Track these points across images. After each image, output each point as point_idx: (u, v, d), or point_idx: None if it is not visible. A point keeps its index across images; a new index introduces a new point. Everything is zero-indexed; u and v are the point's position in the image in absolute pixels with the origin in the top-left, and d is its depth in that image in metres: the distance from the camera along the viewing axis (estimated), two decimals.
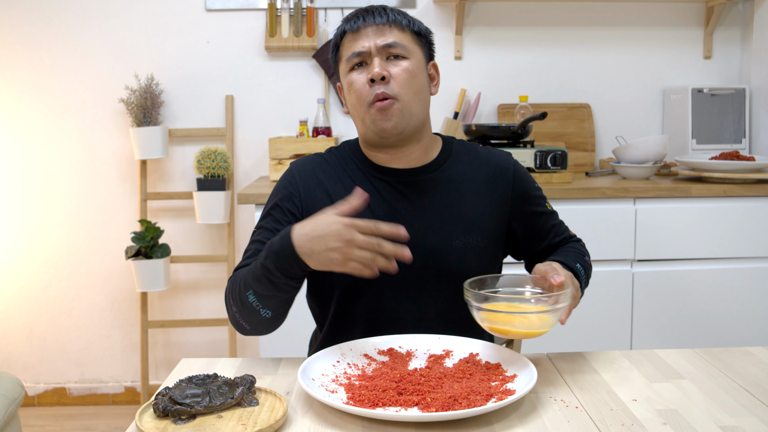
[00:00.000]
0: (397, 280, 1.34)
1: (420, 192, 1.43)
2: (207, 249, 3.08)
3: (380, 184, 1.43)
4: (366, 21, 1.39)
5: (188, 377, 1.12)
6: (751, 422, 1.02)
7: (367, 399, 1.07)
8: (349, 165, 1.46)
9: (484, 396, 1.06)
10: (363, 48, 1.38)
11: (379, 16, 1.39)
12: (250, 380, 1.12)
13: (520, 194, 1.49)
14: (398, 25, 1.40)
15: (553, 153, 2.59)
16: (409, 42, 1.41)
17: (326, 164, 1.47)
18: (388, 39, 1.38)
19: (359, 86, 1.38)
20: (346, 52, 1.41)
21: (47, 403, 3.12)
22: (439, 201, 1.42)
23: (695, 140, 2.92)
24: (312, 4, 2.96)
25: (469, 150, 1.51)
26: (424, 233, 1.40)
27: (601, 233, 2.53)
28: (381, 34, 1.38)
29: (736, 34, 3.08)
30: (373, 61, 1.38)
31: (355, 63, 1.39)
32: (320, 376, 1.16)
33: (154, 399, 1.07)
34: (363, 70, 1.39)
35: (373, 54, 1.38)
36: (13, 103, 3.01)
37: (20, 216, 3.05)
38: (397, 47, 1.38)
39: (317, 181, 1.44)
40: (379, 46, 1.37)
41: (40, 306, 3.10)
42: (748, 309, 2.59)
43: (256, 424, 1.02)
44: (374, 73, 1.36)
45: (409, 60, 1.39)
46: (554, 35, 3.05)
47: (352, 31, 1.39)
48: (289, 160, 2.71)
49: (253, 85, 3.03)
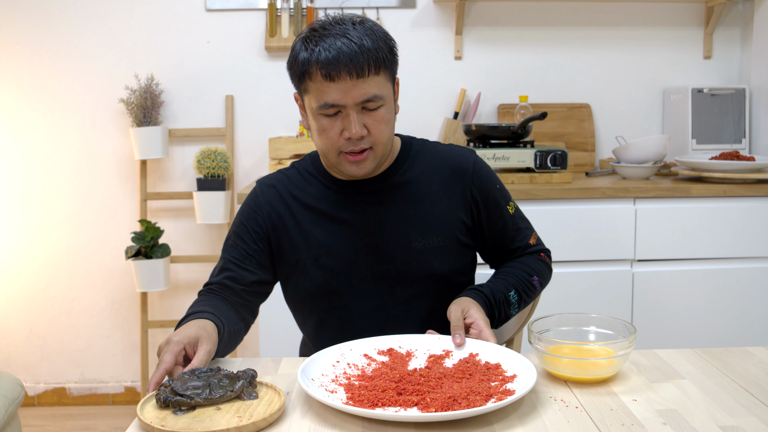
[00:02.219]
0: (363, 286, 1.44)
1: (378, 199, 1.45)
2: (207, 249, 3.08)
3: (340, 197, 1.46)
4: (342, 66, 1.28)
5: (191, 370, 1.14)
6: (751, 422, 1.02)
7: (367, 399, 1.07)
8: (310, 180, 1.48)
9: (484, 396, 1.06)
10: (339, 102, 1.31)
11: (358, 61, 1.28)
12: (251, 374, 1.14)
13: (479, 192, 1.48)
14: (373, 68, 1.31)
15: (553, 153, 2.59)
16: (384, 82, 1.34)
17: (288, 181, 1.49)
18: (366, 93, 1.31)
19: (332, 135, 1.34)
20: (318, 95, 1.32)
21: (47, 403, 3.12)
22: (397, 205, 1.44)
23: (695, 140, 2.92)
24: (312, 4, 2.96)
25: (428, 150, 1.51)
26: (384, 239, 1.44)
27: (601, 233, 2.53)
28: (359, 86, 1.30)
29: (736, 34, 3.08)
30: (349, 117, 1.32)
31: (327, 112, 1.33)
32: (320, 376, 1.16)
33: (156, 390, 1.09)
34: (336, 118, 1.33)
35: (349, 107, 1.32)
36: (13, 103, 3.01)
37: (20, 216, 3.05)
38: (374, 100, 1.32)
39: (280, 197, 1.47)
40: (357, 103, 1.31)
41: (40, 306, 3.10)
42: (748, 309, 2.59)
43: (252, 416, 1.04)
44: (353, 133, 1.32)
45: (384, 106, 1.35)
46: (554, 35, 3.05)
47: (327, 75, 1.29)
48: (289, 160, 2.71)
49: (253, 85, 3.03)
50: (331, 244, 1.44)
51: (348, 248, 1.43)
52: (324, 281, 1.45)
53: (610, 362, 1.16)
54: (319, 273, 1.44)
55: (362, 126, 1.33)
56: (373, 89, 1.32)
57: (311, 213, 1.46)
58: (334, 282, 1.44)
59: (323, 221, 1.45)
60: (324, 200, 1.46)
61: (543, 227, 2.52)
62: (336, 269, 1.44)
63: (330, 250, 1.44)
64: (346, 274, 1.44)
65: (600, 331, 1.26)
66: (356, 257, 1.44)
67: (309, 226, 1.45)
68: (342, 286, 1.45)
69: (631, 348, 1.17)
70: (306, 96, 1.36)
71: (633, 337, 1.18)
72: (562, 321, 1.27)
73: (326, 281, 1.45)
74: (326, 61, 1.29)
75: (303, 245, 1.45)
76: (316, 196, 1.46)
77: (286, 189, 1.48)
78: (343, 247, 1.43)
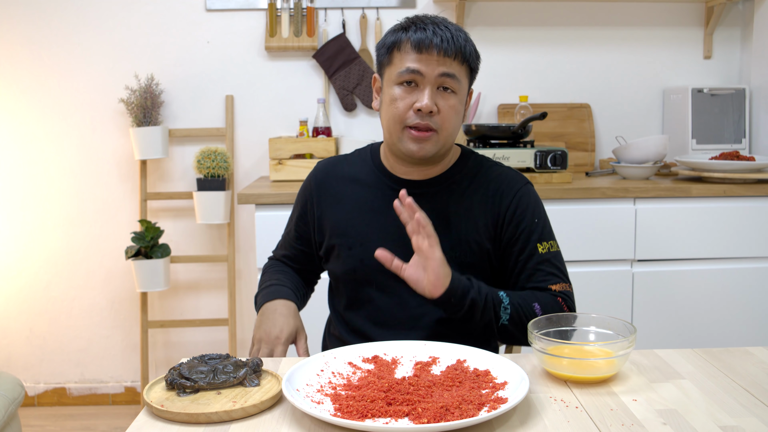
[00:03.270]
0: (386, 281, 1.46)
1: (422, 201, 1.43)
2: (207, 249, 3.08)
3: (389, 193, 1.48)
4: (433, 42, 1.36)
5: (201, 355, 1.20)
6: (751, 422, 1.02)
7: (356, 410, 1.03)
8: (365, 170, 1.53)
9: (476, 405, 1.04)
10: (421, 70, 1.37)
11: (447, 43, 1.36)
12: (257, 362, 1.18)
13: (512, 220, 1.46)
14: (460, 57, 1.39)
15: (553, 153, 2.59)
16: (463, 76, 1.41)
17: (346, 166, 1.56)
18: (448, 69, 1.38)
19: (402, 106, 1.39)
20: (401, 63, 1.39)
21: (47, 403, 3.12)
22: (436, 214, 1.43)
23: (695, 140, 2.92)
24: (312, 4, 2.96)
25: (483, 167, 1.51)
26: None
27: (601, 233, 2.53)
28: (442, 62, 1.37)
29: (736, 34, 3.08)
30: (425, 89, 1.37)
31: (405, 79, 1.38)
32: (304, 386, 1.13)
33: (167, 372, 1.17)
34: (411, 90, 1.39)
35: (427, 80, 1.38)
36: (13, 103, 3.01)
37: (20, 216, 3.05)
38: (452, 80, 1.38)
39: (333, 181, 1.55)
40: (437, 75, 1.37)
41: (40, 306, 3.10)
42: (748, 309, 2.59)
43: (246, 402, 1.08)
44: (424, 105, 1.36)
45: (457, 95, 1.41)
46: (554, 35, 3.05)
47: (416, 45, 1.37)
48: (290, 160, 2.71)
49: (253, 85, 3.03)
50: (366, 234, 1.48)
51: (380, 242, 1.43)
52: (351, 269, 1.49)
53: (610, 362, 1.16)
54: (350, 261, 1.49)
55: (434, 103, 1.37)
56: (454, 68, 1.38)
57: (357, 201, 1.50)
58: (360, 271, 1.48)
59: (366, 212, 1.49)
60: (373, 189, 1.50)
61: None
62: (365, 260, 1.46)
63: (364, 240, 1.47)
64: (372, 267, 1.44)
65: (600, 331, 1.26)
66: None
67: (352, 213, 1.50)
68: (367, 278, 1.48)
69: (631, 348, 1.17)
70: (388, 68, 1.42)
71: (633, 337, 1.18)
72: (562, 321, 1.27)
73: (353, 269, 1.49)
74: (419, 37, 1.37)
75: (341, 231, 1.50)
76: (367, 184, 1.51)
77: (339, 173, 1.55)
78: (376, 240, 1.45)
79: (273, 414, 1.07)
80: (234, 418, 1.05)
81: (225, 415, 1.04)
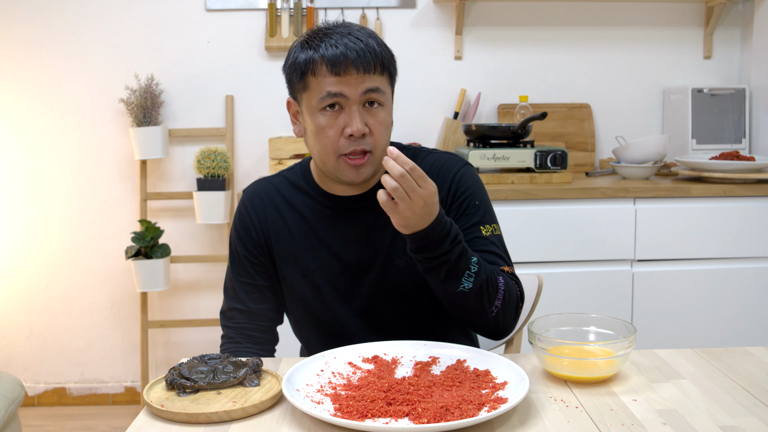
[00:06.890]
0: (351, 304, 1.41)
1: (364, 216, 1.40)
2: (207, 249, 3.08)
3: (327, 212, 1.41)
4: (350, 59, 1.26)
5: (201, 355, 1.20)
6: (751, 422, 1.02)
7: (356, 410, 1.03)
8: (297, 192, 1.44)
9: (476, 405, 1.04)
10: (344, 92, 1.27)
11: (365, 57, 1.27)
12: (257, 363, 1.18)
13: (453, 202, 1.39)
14: (380, 67, 1.29)
15: (553, 153, 2.59)
16: (386, 85, 1.32)
17: (280, 191, 1.45)
18: (371, 84, 1.28)
19: (332, 134, 1.29)
20: (319, 88, 1.28)
21: (47, 403, 3.12)
22: (382, 223, 1.37)
23: (695, 140, 2.92)
24: (312, 4, 2.96)
25: (418, 159, 1.43)
26: (371, 255, 1.40)
27: (601, 233, 2.53)
28: (363, 79, 1.27)
29: (736, 34, 3.08)
30: (351, 111, 1.28)
31: (328, 103, 1.28)
32: (304, 386, 1.13)
33: (167, 372, 1.16)
34: (336, 114, 1.29)
35: (352, 101, 1.28)
36: (13, 103, 3.01)
37: (20, 216, 3.05)
38: (377, 94, 1.29)
39: (270, 207, 1.44)
40: (361, 93, 1.28)
41: (40, 306, 3.10)
42: (748, 309, 2.59)
43: (246, 402, 1.08)
44: (355, 130, 1.27)
45: (384, 107, 1.32)
46: (554, 35, 3.05)
47: (332, 66, 1.26)
48: (289, 160, 2.71)
49: (253, 85, 3.03)
50: (316, 262, 1.40)
51: (333, 267, 1.39)
52: (312, 297, 1.42)
53: (610, 362, 1.16)
54: (308, 288, 1.42)
55: (364, 124, 1.29)
56: (377, 82, 1.29)
57: (297, 227, 1.42)
58: (320, 298, 1.42)
59: (309, 237, 1.41)
60: (311, 214, 1.42)
61: (543, 227, 2.53)
62: (322, 288, 1.41)
63: (315, 268, 1.41)
64: (332, 293, 1.41)
65: (600, 331, 1.26)
66: (341, 277, 1.40)
67: (296, 240, 1.42)
68: (330, 304, 1.42)
69: (631, 348, 1.17)
70: (305, 94, 1.31)
71: (633, 337, 1.18)
72: (562, 321, 1.27)
73: (314, 297, 1.42)
74: (333, 56, 1.26)
75: (291, 260, 1.42)
76: (303, 210, 1.42)
77: (273, 201, 1.44)
78: (330, 266, 1.40)
79: (273, 414, 1.08)
80: (234, 418, 1.05)
81: (225, 415, 1.05)
